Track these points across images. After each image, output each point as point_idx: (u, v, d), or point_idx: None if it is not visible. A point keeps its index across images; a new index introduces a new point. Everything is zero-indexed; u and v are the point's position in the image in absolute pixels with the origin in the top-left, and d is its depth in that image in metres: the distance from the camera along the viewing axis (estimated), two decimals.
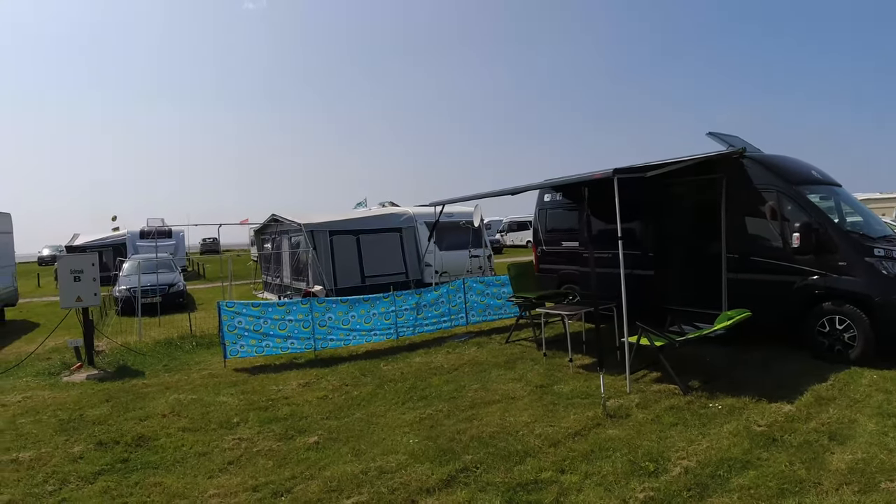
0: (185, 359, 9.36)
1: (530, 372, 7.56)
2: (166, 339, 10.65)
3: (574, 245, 10.76)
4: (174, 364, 9.01)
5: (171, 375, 8.31)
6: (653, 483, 4.25)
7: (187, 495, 4.44)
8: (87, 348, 8.97)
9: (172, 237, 25.93)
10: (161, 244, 19.08)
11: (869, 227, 7.98)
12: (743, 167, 8.26)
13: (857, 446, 4.72)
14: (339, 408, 6.47)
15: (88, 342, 9.02)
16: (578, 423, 5.54)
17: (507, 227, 41.66)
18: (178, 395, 7.16)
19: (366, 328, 9.55)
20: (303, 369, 8.31)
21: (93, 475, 4.90)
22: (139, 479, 4.77)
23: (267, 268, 18.18)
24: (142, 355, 9.58)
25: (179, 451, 5.36)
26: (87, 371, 8.58)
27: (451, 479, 4.49)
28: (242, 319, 8.69)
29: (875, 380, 6.43)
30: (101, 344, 10.07)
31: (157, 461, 5.16)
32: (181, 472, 4.91)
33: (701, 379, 6.78)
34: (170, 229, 24.33)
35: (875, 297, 6.96)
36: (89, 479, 4.83)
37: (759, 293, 7.84)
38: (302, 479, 4.61)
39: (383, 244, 14.74)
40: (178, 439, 5.66)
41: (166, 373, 8.49)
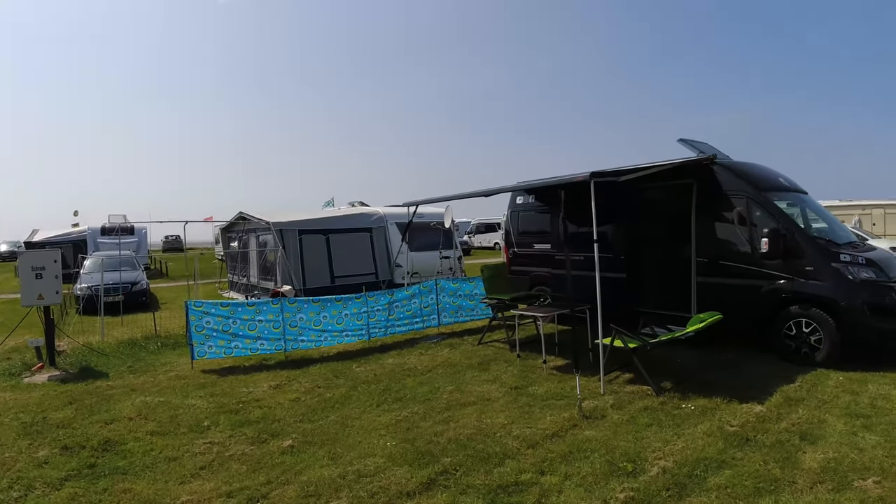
0: (151, 360, 9.13)
1: (504, 373, 7.57)
2: (130, 340, 10.37)
3: (546, 247, 10.84)
4: (139, 365, 8.78)
5: (136, 377, 8.10)
6: (632, 483, 4.29)
7: (159, 502, 4.32)
8: (49, 348, 8.69)
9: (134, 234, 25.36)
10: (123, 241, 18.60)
11: (834, 233, 8.21)
12: (713, 173, 8.43)
13: (829, 446, 4.85)
14: (313, 410, 6.37)
15: (50, 342, 8.73)
16: (555, 425, 5.57)
17: (475, 229, 41.77)
18: (145, 398, 6.96)
19: (337, 329, 9.45)
20: (273, 371, 8.18)
21: (59, 481, 4.72)
22: (108, 486, 4.61)
23: (233, 267, 17.89)
24: (105, 356, 9.31)
25: (149, 456, 5.20)
26: (48, 372, 8.31)
27: (431, 482, 4.45)
28: (211, 319, 8.51)
29: (841, 381, 6.62)
30: (62, 343, 9.76)
31: (125, 466, 5.00)
32: (151, 477, 4.77)
33: (673, 380, 6.88)
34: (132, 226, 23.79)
35: (841, 302, 7.18)
36: (56, 485, 4.66)
37: (728, 297, 8.00)
38: (278, 484, 4.51)
39: (353, 244, 14.64)
40: (146, 443, 5.50)
41: (131, 374, 8.26)
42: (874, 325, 7.13)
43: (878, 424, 5.29)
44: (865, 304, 7.13)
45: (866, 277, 7.27)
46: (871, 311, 7.12)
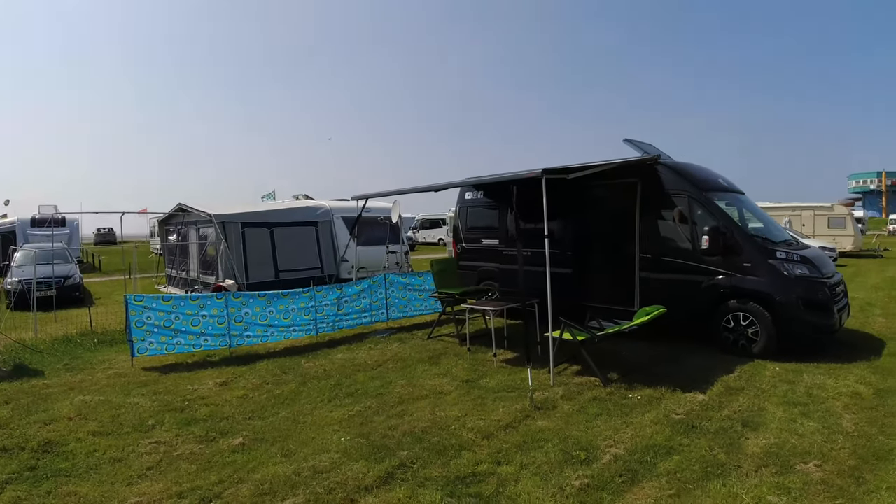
0: (88, 357, 8.75)
1: (455, 367, 7.63)
2: (65, 336, 9.91)
3: (494, 243, 10.96)
4: (76, 363, 8.40)
5: (73, 375, 7.75)
6: (586, 470, 4.41)
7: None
8: None
9: (66, 226, 24.21)
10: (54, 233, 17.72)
11: (770, 232, 8.62)
12: (657, 173, 8.70)
13: (770, 432, 5.11)
14: (262, 407, 6.24)
15: None
16: (508, 416, 5.66)
17: (420, 225, 41.79)
18: (84, 397, 6.67)
19: (284, 324, 9.29)
20: (218, 367, 7.97)
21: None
22: (51, 488, 4.41)
23: (171, 261, 17.31)
24: (40, 353, 8.87)
25: (92, 457, 4.99)
26: None
27: (388, 475, 4.45)
28: (152, 315, 8.22)
29: (778, 371, 6.96)
30: None
31: (68, 468, 4.78)
32: (96, 479, 4.58)
33: (620, 371, 7.09)
34: (63, 217, 22.70)
35: (777, 296, 7.54)
36: None
37: (670, 292, 8.28)
38: (230, 483, 4.40)
39: (298, 238, 14.43)
40: (89, 444, 5.27)
41: (68, 372, 7.90)
42: (807, 319, 7.52)
43: (815, 412, 5.60)
44: (799, 299, 7.52)
45: (800, 274, 7.66)
46: (804, 306, 7.52)
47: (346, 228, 14.81)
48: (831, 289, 7.81)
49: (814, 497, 3.98)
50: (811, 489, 4.09)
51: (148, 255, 27.69)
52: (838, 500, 3.95)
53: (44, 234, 18.88)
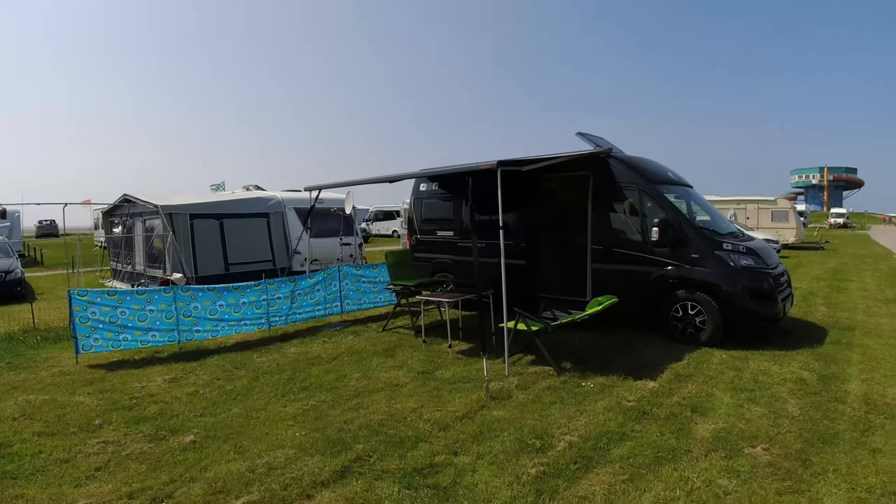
0: (31, 355, 8.41)
1: (411, 359, 7.61)
2: (7, 334, 9.51)
3: (449, 234, 10.97)
4: (18, 361, 8.06)
5: (16, 374, 7.42)
6: (541, 458, 4.47)
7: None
8: None
9: (6, 218, 23.15)
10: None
11: (717, 224, 8.87)
12: (609, 166, 8.84)
13: (718, 417, 5.27)
14: (214, 403, 6.10)
15: None
16: (464, 407, 5.68)
17: (374, 217, 41.55)
18: (28, 396, 6.41)
19: (235, 318, 9.10)
20: (167, 364, 7.76)
21: None
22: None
23: (116, 254, 16.75)
24: None
25: (38, 459, 4.79)
26: None
27: (345, 469, 4.41)
28: (96, 310, 7.93)
29: (725, 359, 7.18)
30: None
31: (14, 471, 4.58)
32: (44, 481, 4.40)
33: (573, 361, 7.20)
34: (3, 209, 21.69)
35: (723, 286, 7.77)
36: None
37: (621, 282, 8.44)
38: (182, 482, 4.29)
39: (249, 230, 14.12)
40: (35, 445, 5.06)
41: (11, 371, 7.56)
42: (753, 308, 7.77)
43: (762, 397, 5.80)
44: (745, 289, 7.75)
45: (746, 264, 7.90)
46: (749, 295, 7.76)
47: (298, 220, 14.59)
48: (775, 279, 8.08)
49: (762, 479, 4.12)
50: (759, 472, 4.23)
51: (92, 249, 26.77)
52: (786, 482, 4.09)
53: None
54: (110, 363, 7.83)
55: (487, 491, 4.02)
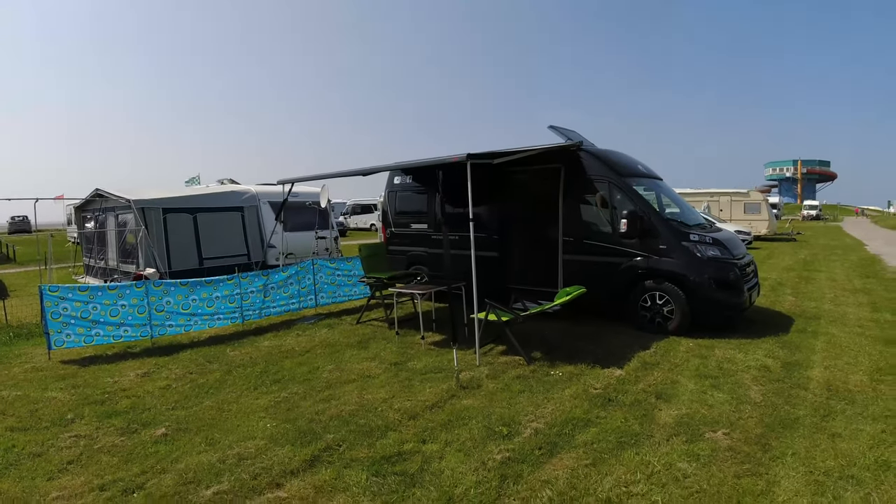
0: (4, 351, 8.32)
1: (384, 351, 7.68)
2: None
3: (423, 227, 11.02)
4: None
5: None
6: (507, 445, 4.57)
7: (28, 500, 4.02)
8: None
9: None
10: None
11: (685, 216, 9.02)
12: (580, 159, 8.96)
13: (681, 403, 5.41)
14: (186, 397, 6.12)
15: None
16: (435, 396, 5.76)
17: (351, 210, 41.41)
18: (0, 392, 6.40)
19: (208, 312, 9.08)
20: (140, 358, 7.74)
21: None
22: None
23: (89, 249, 16.56)
24: None
25: (11, 453, 4.80)
26: None
27: (314, 458, 4.48)
28: (68, 305, 7.88)
29: (691, 347, 7.34)
30: None
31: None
32: (16, 475, 4.42)
33: (542, 350, 7.32)
34: None
35: (690, 277, 7.93)
36: None
37: (591, 273, 8.58)
38: (153, 474, 4.33)
39: (223, 224, 14.02)
40: (7, 440, 5.07)
41: None
42: (719, 297, 7.93)
43: (725, 384, 5.95)
44: (711, 279, 7.92)
45: (713, 255, 8.07)
46: (716, 285, 7.92)
47: (273, 214, 14.53)
48: (741, 269, 8.25)
49: (721, 463, 4.25)
50: (719, 455, 4.36)
51: (65, 245, 26.38)
52: (745, 465, 4.22)
53: None
54: (83, 358, 7.79)
55: (453, 477, 4.10)
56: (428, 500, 3.80)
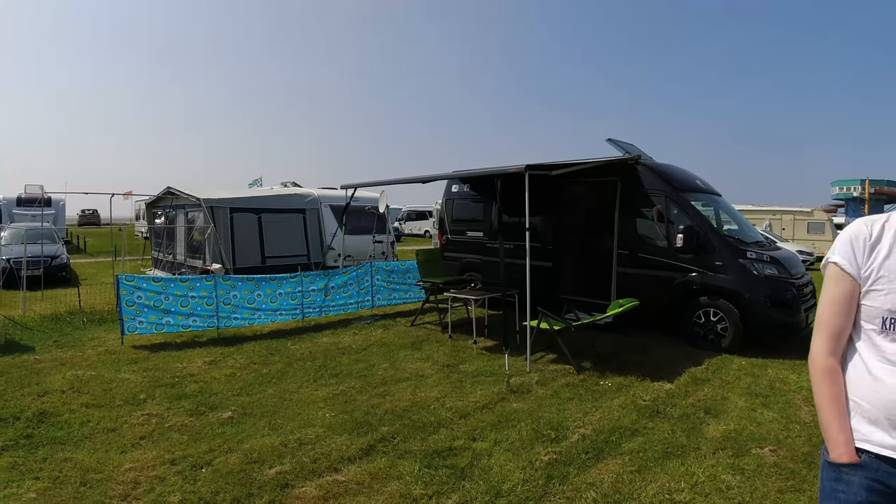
0: (78, 335, 8.93)
1: (437, 352, 7.91)
2: (54, 314, 10.08)
3: (478, 235, 11.25)
4: (66, 340, 8.59)
5: (64, 351, 7.93)
6: (555, 448, 4.71)
7: (102, 469, 4.37)
8: None
9: (52, 206, 24.16)
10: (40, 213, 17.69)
11: (743, 233, 8.97)
12: (637, 172, 9.02)
13: (730, 419, 5.43)
14: (250, 385, 6.49)
15: None
16: (485, 398, 5.95)
17: (406, 217, 41.96)
18: (76, 372, 6.87)
19: (271, 308, 9.52)
20: (206, 347, 8.19)
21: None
22: (47, 455, 4.62)
23: (158, 244, 17.42)
24: (29, 329, 9.05)
25: (86, 427, 5.21)
26: None
27: (370, 448, 4.72)
28: (142, 294, 8.41)
29: (743, 365, 7.30)
30: None
31: (63, 437, 5.00)
32: (91, 447, 4.80)
33: (592, 360, 7.42)
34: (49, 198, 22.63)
35: (745, 294, 7.89)
36: None
37: (644, 286, 8.62)
38: (220, 452, 4.65)
39: (286, 225, 14.58)
40: (82, 415, 5.49)
41: (58, 349, 8.08)
42: (774, 316, 7.87)
43: (776, 403, 5.93)
44: (767, 298, 7.86)
45: (769, 273, 8.00)
46: (771, 304, 7.86)
47: (333, 217, 15.00)
48: (799, 289, 8.15)
49: (766, 478, 4.29)
50: (764, 471, 4.40)
51: (133, 238, 27.67)
52: (789, 481, 4.25)
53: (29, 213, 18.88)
54: (153, 345, 8.29)
55: (502, 473, 4.28)
56: (477, 493, 3.99)
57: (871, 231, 1.86)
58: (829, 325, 1.93)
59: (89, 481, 4.21)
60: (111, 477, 4.26)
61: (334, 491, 4.02)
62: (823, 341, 1.94)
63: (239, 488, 4.06)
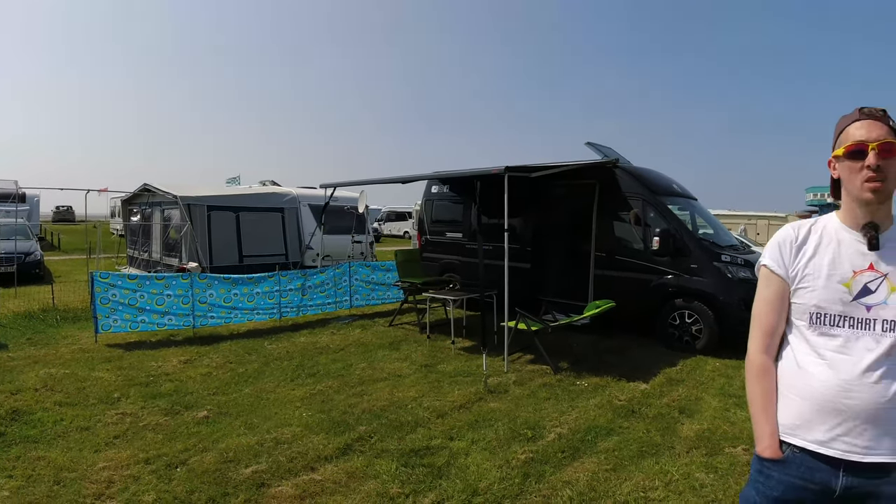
0: (51, 333, 8.79)
1: (415, 353, 7.92)
2: (27, 312, 9.92)
3: (457, 236, 11.28)
4: (39, 337, 8.44)
5: (37, 349, 7.80)
6: (531, 447, 4.75)
7: (75, 468, 4.32)
8: None
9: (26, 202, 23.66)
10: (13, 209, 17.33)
11: (718, 236, 9.12)
12: (615, 176, 9.12)
13: (704, 419, 5.51)
14: (226, 384, 6.44)
15: None
16: (463, 398, 5.97)
17: (386, 217, 41.90)
18: (49, 370, 6.76)
19: (248, 307, 9.44)
20: (182, 346, 8.11)
21: None
22: (20, 453, 4.54)
23: (134, 241, 17.16)
24: (2, 327, 8.88)
25: (59, 426, 5.13)
26: None
27: (347, 447, 4.71)
28: (117, 292, 8.29)
29: (718, 366, 7.42)
30: None
31: (36, 435, 4.92)
32: (64, 445, 4.74)
33: (569, 361, 7.48)
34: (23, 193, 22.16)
35: (720, 297, 8.01)
36: None
37: (621, 288, 8.71)
38: (196, 452, 4.61)
39: (264, 223, 14.45)
40: (56, 414, 5.40)
41: (32, 346, 7.93)
42: (748, 319, 7.97)
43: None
44: (741, 300, 7.96)
45: (744, 277, 8.12)
46: (746, 307, 7.96)
47: (312, 216, 14.91)
48: None
49: (739, 476, 4.35)
50: (737, 469, 4.46)
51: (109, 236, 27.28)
52: None
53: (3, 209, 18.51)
54: (128, 343, 8.19)
55: (478, 472, 4.30)
56: (454, 491, 4.00)
57: (798, 234, 1.96)
58: (762, 323, 2.04)
59: (63, 480, 4.15)
60: (85, 476, 4.21)
61: (311, 490, 4.01)
62: (757, 339, 2.05)
63: (214, 487, 4.03)
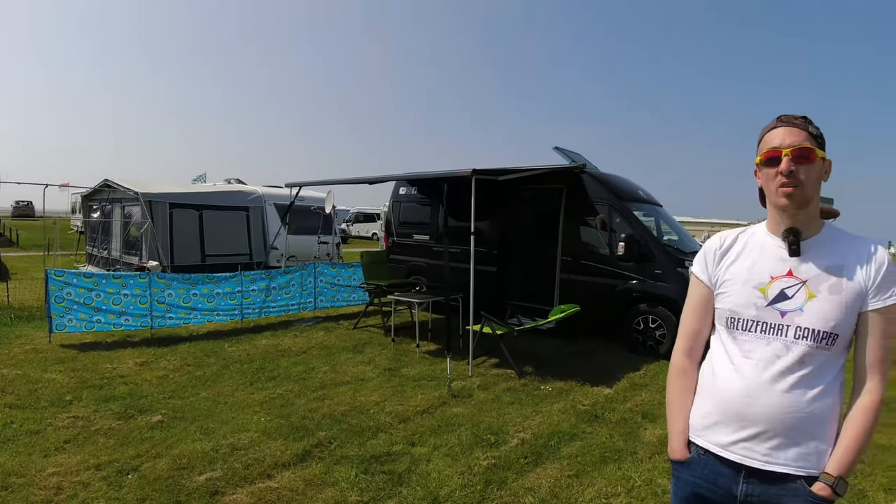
0: (4, 332, 8.46)
1: (379, 356, 7.82)
2: None
3: (424, 238, 11.22)
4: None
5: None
6: (494, 452, 4.70)
7: (24, 473, 4.14)
8: None
9: None
10: None
11: (682, 243, 9.24)
12: (582, 181, 9.16)
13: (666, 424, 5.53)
14: (183, 387, 6.26)
15: None
16: (426, 402, 5.90)
17: (354, 218, 41.60)
18: (0, 370, 6.54)
19: (208, 308, 9.23)
20: (138, 348, 7.87)
21: None
22: None
23: (93, 239, 16.68)
24: None
25: (9, 429, 4.92)
26: None
27: (305, 453, 4.60)
28: (72, 291, 8.02)
29: None
30: None
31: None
32: (13, 449, 4.54)
33: (534, 365, 7.47)
34: None
35: (683, 302, 8.06)
36: None
37: (587, 293, 8.74)
38: (148, 458, 4.46)
39: (228, 222, 14.18)
40: (5, 416, 5.19)
41: None
42: None
43: None
44: None
45: None
46: None
47: (277, 216, 14.70)
48: None
49: None
50: None
51: (68, 232, 26.57)
52: None
53: None
54: (83, 344, 7.93)
55: (440, 479, 4.23)
56: (414, 499, 3.93)
57: (723, 242, 2.00)
58: (685, 327, 2.09)
59: (10, 485, 3.98)
60: (33, 481, 4.04)
61: (266, 498, 3.90)
62: (680, 342, 2.09)
63: (166, 495, 3.89)
